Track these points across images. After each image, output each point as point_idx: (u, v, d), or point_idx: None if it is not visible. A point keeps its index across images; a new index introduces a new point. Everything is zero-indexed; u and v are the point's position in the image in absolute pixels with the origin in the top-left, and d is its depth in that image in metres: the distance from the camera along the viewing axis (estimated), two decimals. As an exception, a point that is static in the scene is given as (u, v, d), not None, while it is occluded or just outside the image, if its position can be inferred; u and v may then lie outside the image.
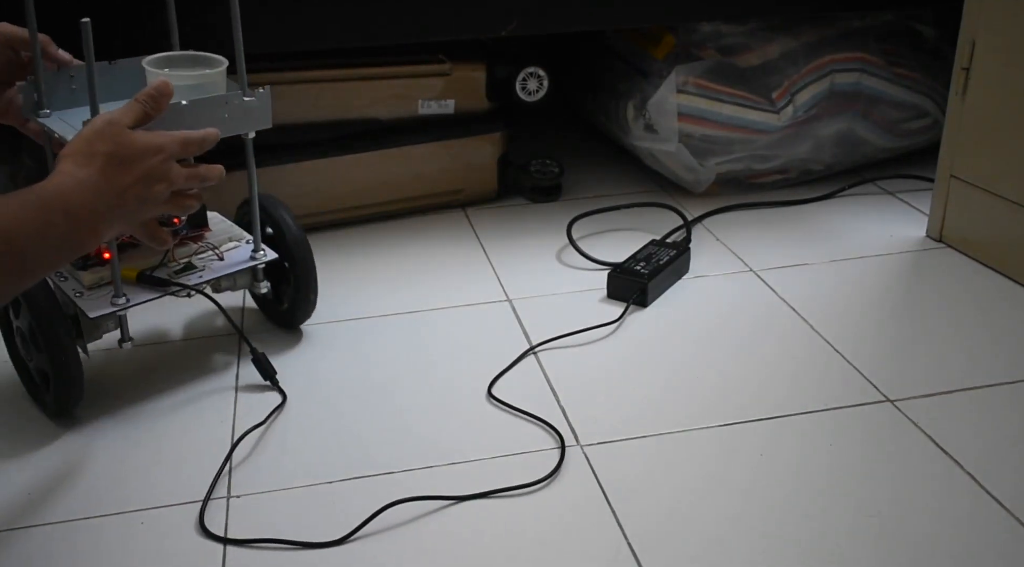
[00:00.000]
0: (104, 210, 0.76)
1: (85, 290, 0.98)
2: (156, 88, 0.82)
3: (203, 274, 1.02)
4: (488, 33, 1.37)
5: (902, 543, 0.80)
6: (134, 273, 0.99)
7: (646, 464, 0.91)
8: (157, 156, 0.79)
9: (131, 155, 0.78)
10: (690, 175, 1.53)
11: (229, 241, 1.07)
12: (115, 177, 0.76)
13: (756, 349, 1.11)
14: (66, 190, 0.73)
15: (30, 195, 0.71)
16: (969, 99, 1.30)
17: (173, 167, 0.82)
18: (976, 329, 1.14)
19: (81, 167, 0.75)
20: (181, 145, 0.83)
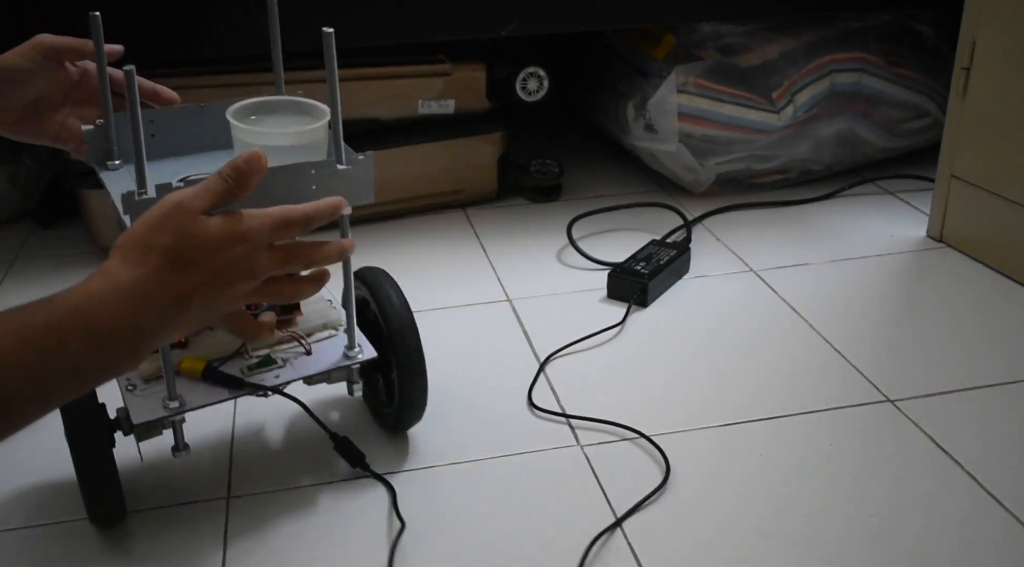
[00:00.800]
0: (151, 322, 0.59)
1: (140, 381, 0.81)
2: (246, 161, 0.63)
3: (282, 372, 0.83)
4: (488, 33, 1.37)
5: (902, 543, 0.80)
6: (200, 366, 0.81)
7: (646, 464, 0.91)
8: (237, 247, 0.62)
9: (200, 249, 0.61)
10: (690, 175, 1.53)
11: (323, 329, 0.87)
12: (173, 280, 0.60)
13: (756, 349, 1.11)
14: (91, 304, 0.57)
15: (37, 313, 0.56)
16: (969, 99, 1.30)
17: (260, 256, 0.64)
18: (976, 329, 1.14)
19: (131, 266, 0.59)
20: (274, 229, 0.64)
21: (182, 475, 0.91)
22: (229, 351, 0.83)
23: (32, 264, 1.38)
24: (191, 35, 1.29)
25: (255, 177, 0.64)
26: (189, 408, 0.79)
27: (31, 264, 1.38)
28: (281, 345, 0.85)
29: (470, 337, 1.15)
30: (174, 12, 1.26)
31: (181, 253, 0.60)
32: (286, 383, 0.82)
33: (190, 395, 0.79)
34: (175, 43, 1.29)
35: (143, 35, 1.27)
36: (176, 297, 0.60)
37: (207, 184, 0.63)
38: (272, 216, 0.64)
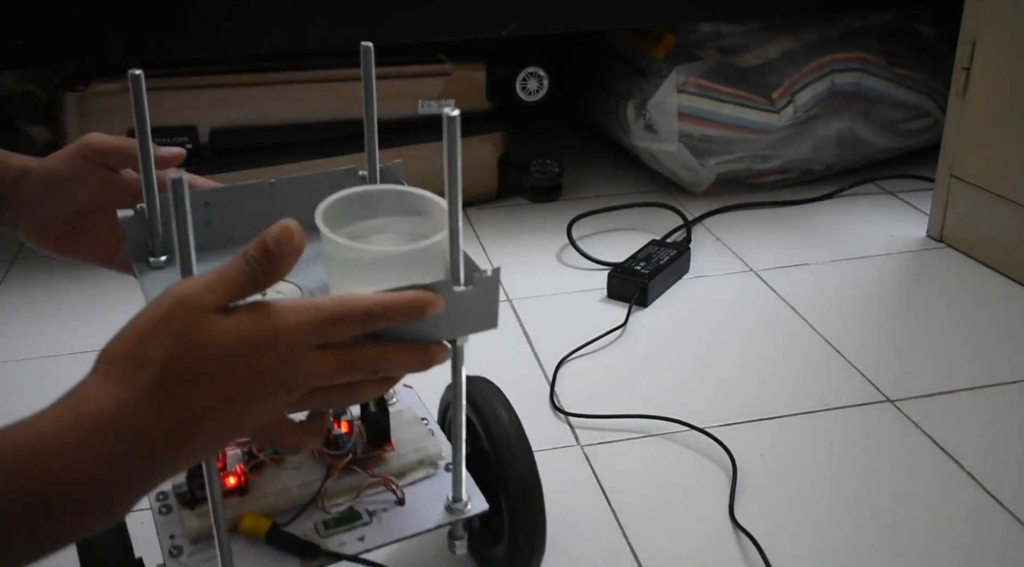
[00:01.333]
0: (131, 466, 0.44)
1: (187, 542, 0.62)
2: (275, 239, 0.46)
3: (368, 533, 0.64)
4: (488, 33, 1.37)
5: (902, 543, 0.80)
6: (265, 525, 0.63)
7: (646, 464, 0.91)
8: (268, 354, 0.45)
9: (209, 359, 0.44)
10: (690, 175, 1.53)
11: (418, 466, 0.69)
12: (171, 404, 0.44)
13: (756, 349, 1.11)
14: (38, 451, 0.42)
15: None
16: (969, 99, 1.30)
17: (301, 363, 0.47)
18: (976, 329, 1.14)
19: (112, 386, 0.44)
20: (318, 329, 0.47)
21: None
22: (303, 500, 0.65)
23: (32, 264, 1.38)
24: (190, 35, 1.29)
25: (288, 260, 0.46)
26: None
27: (31, 264, 1.38)
28: (366, 491, 0.66)
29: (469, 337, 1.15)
30: (174, 11, 1.26)
31: (182, 367, 0.44)
32: (373, 549, 0.63)
33: (250, 565, 0.61)
34: (175, 43, 1.29)
35: (143, 35, 1.27)
36: (175, 427, 0.44)
37: (223, 271, 0.46)
38: (321, 310, 0.46)
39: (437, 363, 0.52)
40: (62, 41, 1.25)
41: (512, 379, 1.05)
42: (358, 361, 0.48)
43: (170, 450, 0.44)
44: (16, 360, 1.12)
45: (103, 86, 1.32)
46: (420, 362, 0.51)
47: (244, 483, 0.65)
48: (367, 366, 0.49)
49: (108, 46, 1.27)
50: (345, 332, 0.47)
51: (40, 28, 1.23)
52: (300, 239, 0.47)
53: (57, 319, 1.21)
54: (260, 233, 0.47)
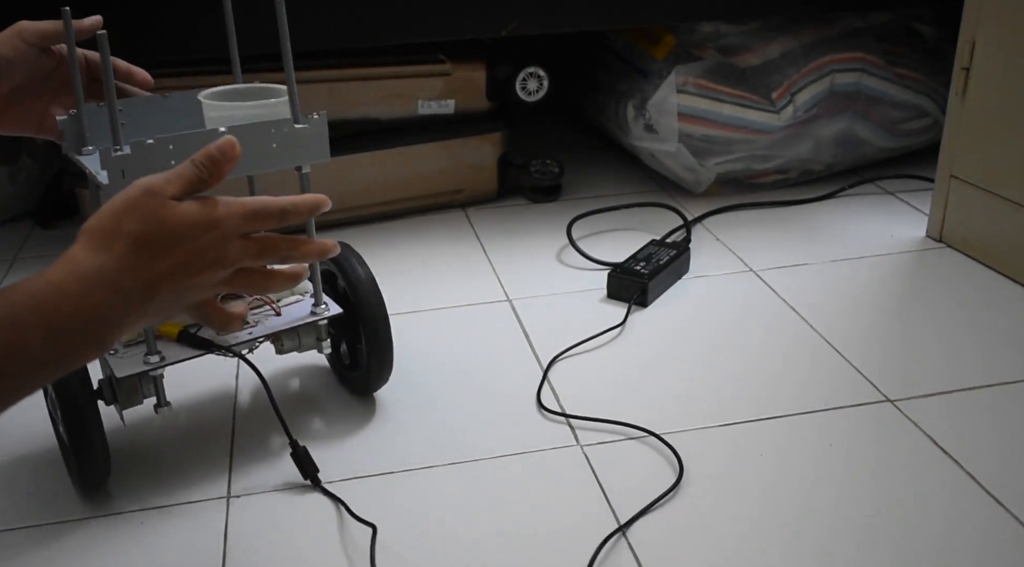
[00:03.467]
0: (117, 310, 0.57)
1: (120, 346, 0.85)
2: (219, 149, 0.62)
3: (254, 331, 0.88)
4: (488, 33, 1.37)
5: (902, 543, 0.80)
6: (176, 330, 0.86)
7: (646, 464, 0.91)
8: (208, 234, 0.60)
9: (169, 235, 0.58)
10: (690, 175, 1.53)
11: (291, 295, 0.94)
12: (141, 266, 0.58)
13: (756, 349, 1.11)
14: (54, 293, 0.55)
15: (4, 300, 0.55)
16: (969, 99, 1.30)
17: (232, 245, 0.61)
18: (976, 329, 1.14)
19: (96, 251, 0.57)
20: (247, 218, 0.62)
21: (178, 471, 0.91)
22: None
23: (32, 264, 1.38)
24: (190, 35, 1.29)
25: (229, 165, 0.62)
26: (169, 362, 0.83)
27: (31, 264, 1.38)
28: (252, 308, 0.91)
29: (470, 337, 1.15)
30: (171, 11, 1.26)
31: (149, 239, 0.58)
32: (254, 340, 0.87)
33: (168, 353, 0.84)
34: (173, 43, 1.29)
35: (142, 35, 1.27)
36: (143, 284, 0.58)
37: (179, 170, 0.61)
38: (246, 205, 0.62)
39: (332, 254, 0.69)
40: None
41: (512, 379, 1.05)
42: (274, 246, 0.64)
43: (138, 304, 0.58)
44: (16, 360, 1.12)
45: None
46: (317, 251, 0.67)
47: None
48: (279, 251, 0.64)
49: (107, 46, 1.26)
50: (265, 224, 0.63)
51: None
52: (238, 151, 0.62)
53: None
54: (160, 132, 0.70)
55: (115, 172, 0.69)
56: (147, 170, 0.65)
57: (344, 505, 0.84)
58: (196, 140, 0.70)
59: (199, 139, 0.70)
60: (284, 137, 0.76)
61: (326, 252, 0.68)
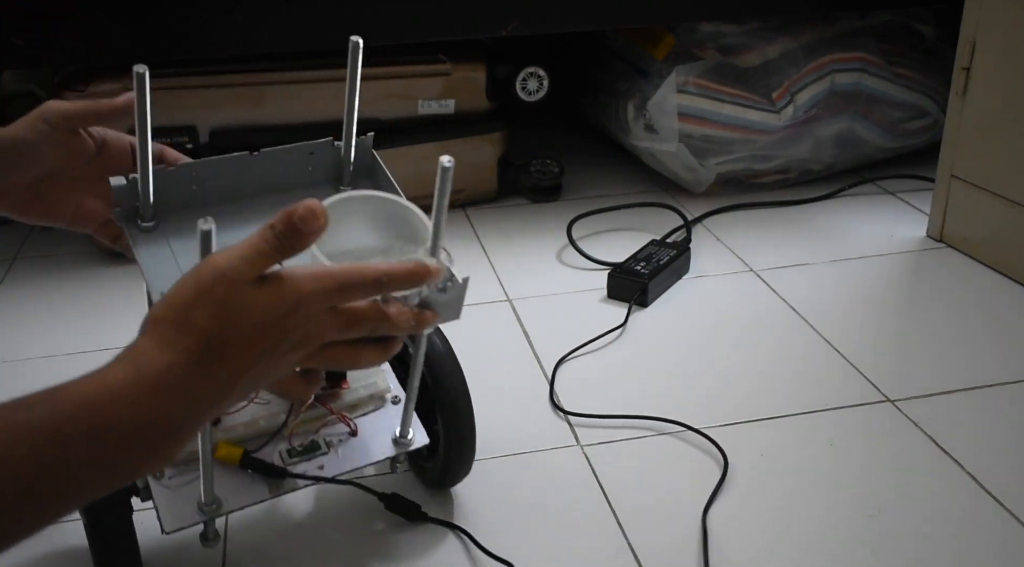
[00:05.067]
0: (184, 418, 0.50)
1: (168, 467, 0.71)
2: (301, 218, 0.51)
3: (327, 462, 0.74)
4: (488, 33, 1.37)
5: (901, 543, 0.80)
6: (237, 453, 0.71)
7: (646, 464, 0.91)
8: (292, 316, 0.52)
9: (249, 327, 0.50)
10: (690, 175, 1.53)
11: (369, 401, 0.78)
12: (217, 367, 0.50)
13: (756, 349, 1.11)
14: (109, 397, 0.47)
15: (37, 406, 0.47)
16: (969, 99, 1.30)
17: (318, 322, 0.53)
18: (976, 329, 1.14)
19: (163, 349, 0.49)
20: (334, 294, 0.53)
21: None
22: (268, 430, 0.73)
23: (32, 264, 1.38)
24: (190, 35, 1.29)
25: (312, 237, 0.52)
26: (227, 510, 0.69)
27: (31, 264, 1.38)
28: (325, 426, 0.76)
29: (470, 337, 1.15)
30: (174, 11, 1.26)
31: (226, 335, 0.50)
32: (328, 479, 0.73)
33: (227, 490, 0.70)
34: (175, 43, 1.29)
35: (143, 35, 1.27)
36: (219, 384, 0.50)
37: (255, 245, 0.51)
38: (335, 278, 0.52)
39: (427, 328, 0.59)
40: (62, 41, 1.25)
41: (512, 378, 1.05)
42: (362, 319, 0.55)
43: (213, 403, 0.51)
44: (16, 360, 1.12)
45: (103, 86, 1.32)
46: (415, 322, 0.57)
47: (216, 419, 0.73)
48: (369, 324, 0.55)
49: (108, 46, 1.27)
50: (356, 297, 0.54)
51: (40, 28, 1.23)
52: (324, 220, 0.52)
53: (57, 319, 1.21)
54: (241, 197, 0.64)
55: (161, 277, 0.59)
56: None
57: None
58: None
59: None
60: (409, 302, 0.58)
61: (424, 324, 0.58)
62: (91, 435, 0.46)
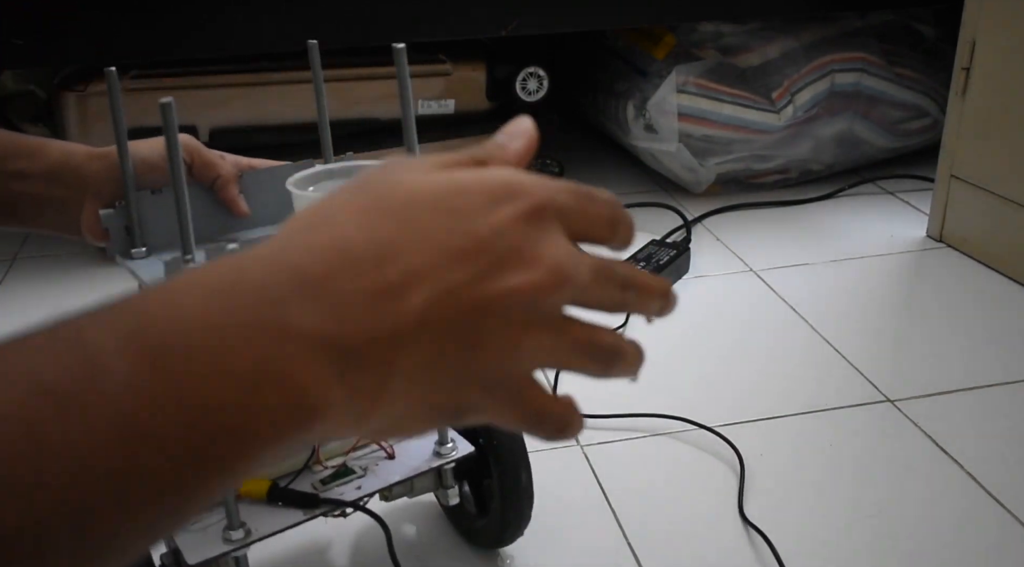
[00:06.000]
0: (360, 337, 0.29)
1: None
2: (509, 133, 0.37)
3: (364, 483, 0.67)
4: (488, 33, 1.37)
5: (901, 543, 0.80)
6: (264, 486, 0.65)
7: (646, 464, 0.91)
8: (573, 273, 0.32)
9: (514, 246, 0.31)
10: (690, 175, 1.53)
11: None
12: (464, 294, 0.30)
13: (756, 349, 1.10)
14: (220, 295, 0.29)
15: (94, 327, 0.29)
16: (969, 99, 1.30)
17: (583, 266, 0.32)
18: (976, 329, 1.14)
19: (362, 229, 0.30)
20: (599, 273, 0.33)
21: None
22: (296, 466, 0.67)
23: (32, 264, 1.38)
24: (190, 35, 1.29)
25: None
26: (256, 538, 0.62)
27: (31, 264, 1.38)
28: (356, 451, 0.69)
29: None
30: (174, 12, 1.26)
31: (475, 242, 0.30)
32: (369, 495, 0.66)
33: (255, 521, 0.62)
34: (175, 43, 1.29)
35: (143, 35, 1.27)
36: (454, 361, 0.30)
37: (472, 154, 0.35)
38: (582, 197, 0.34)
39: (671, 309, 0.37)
40: (62, 41, 1.25)
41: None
42: (614, 271, 0.34)
43: (410, 341, 0.29)
44: (16, 360, 1.12)
45: (103, 86, 1.32)
46: (663, 291, 0.36)
47: None
48: (619, 281, 0.34)
49: (108, 46, 1.27)
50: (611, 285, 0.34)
51: (40, 28, 1.23)
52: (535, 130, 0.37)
53: (57, 319, 1.21)
54: (231, 223, 0.58)
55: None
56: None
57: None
58: None
59: None
60: None
61: (670, 297, 0.36)
62: (203, 367, 0.27)
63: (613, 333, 0.34)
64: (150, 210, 0.65)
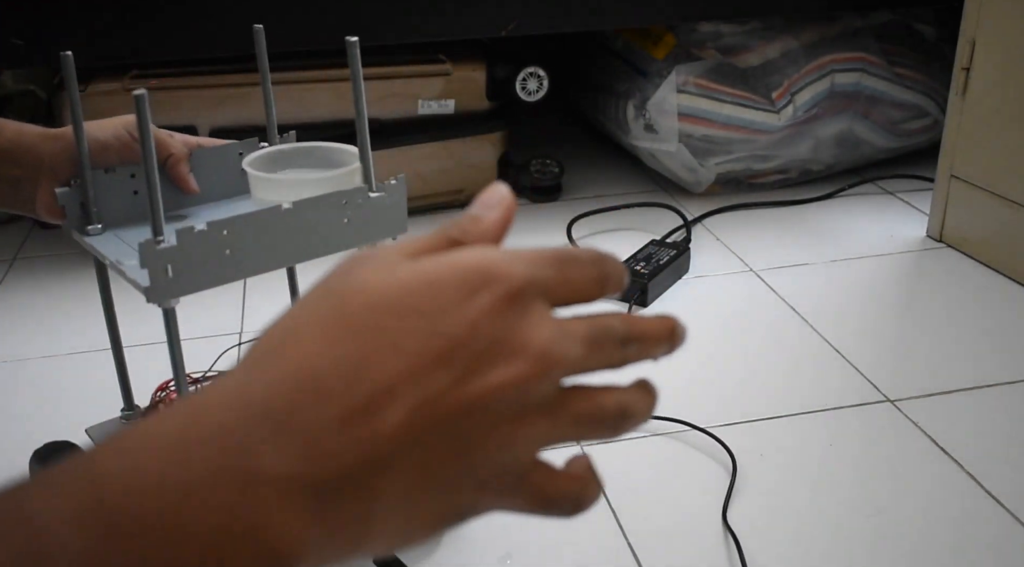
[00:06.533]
0: (324, 473, 0.27)
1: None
2: (485, 204, 0.34)
3: None
4: (488, 33, 1.37)
5: (901, 543, 0.80)
6: None
7: (646, 464, 0.91)
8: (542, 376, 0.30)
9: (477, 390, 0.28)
10: (690, 175, 1.53)
11: None
12: (431, 463, 0.28)
13: (756, 349, 1.10)
14: (175, 448, 0.27)
15: (73, 480, 0.26)
16: (969, 99, 1.30)
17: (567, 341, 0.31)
18: (976, 329, 1.14)
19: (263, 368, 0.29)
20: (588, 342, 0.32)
21: None
22: None
23: (32, 264, 1.38)
24: (190, 35, 1.29)
25: (503, 223, 0.35)
26: None
27: (31, 264, 1.38)
28: None
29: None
30: (174, 11, 1.26)
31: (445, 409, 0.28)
32: None
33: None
34: (175, 43, 1.29)
35: (143, 35, 1.27)
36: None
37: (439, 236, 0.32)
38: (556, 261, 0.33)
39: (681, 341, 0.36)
40: (62, 41, 1.25)
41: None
42: (608, 326, 0.33)
43: (371, 458, 0.28)
44: (16, 360, 1.12)
45: (103, 86, 1.32)
46: (667, 332, 0.36)
47: None
48: (615, 336, 0.33)
49: (108, 46, 1.27)
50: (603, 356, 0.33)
51: (40, 28, 1.23)
52: (512, 199, 0.34)
53: (57, 319, 1.21)
54: (181, 199, 0.65)
55: (159, 269, 0.57)
56: (197, 264, 0.55)
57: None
58: (258, 223, 0.59)
59: (261, 222, 0.59)
60: (357, 210, 0.63)
61: (677, 332, 0.36)
62: (151, 520, 0.25)
63: (617, 393, 0.33)
64: (104, 189, 0.69)
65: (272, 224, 0.60)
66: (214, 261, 0.58)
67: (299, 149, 0.71)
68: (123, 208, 0.69)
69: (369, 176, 0.66)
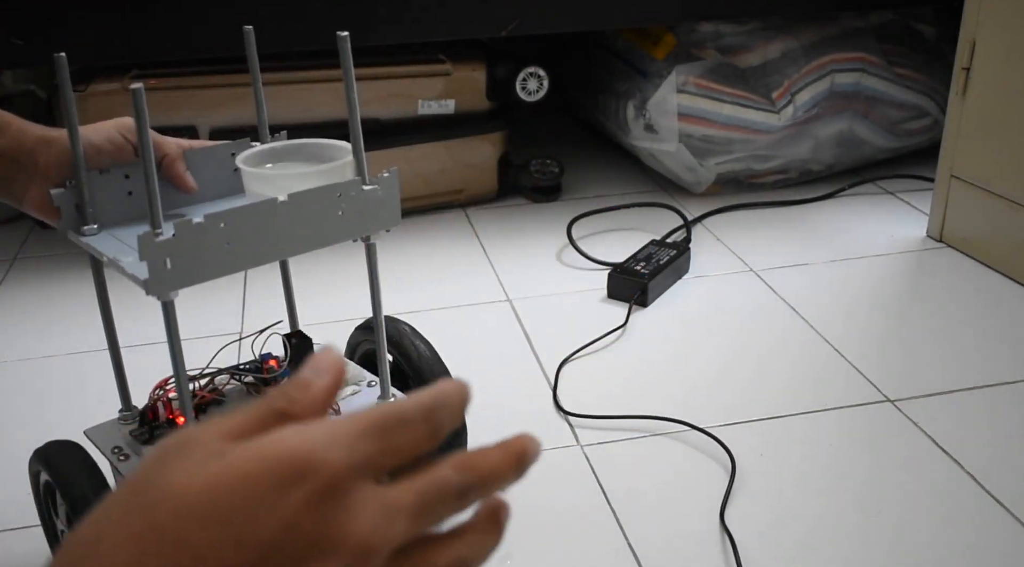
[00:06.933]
0: None
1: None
2: (315, 368, 0.33)
3: None
4: (488, 33, 1.37)
5: (902, 543, 0.80)
6: None
7: (646, 464, 0.91)
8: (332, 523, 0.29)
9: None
10: (690, 175, 1.53)
11: (345, 385, 0.78)
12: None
13: (756, 349, 1.11)
14: None
15: None
16: (969, 99, 1.30)
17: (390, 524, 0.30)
18: (976, 329, 1.14)
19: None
20: (414, 516, 0.31)
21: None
22: None
23: (32, 264, 1.38)
24: (190, 35, 1.29)
25: (329, 393, 0.33)
26: None
27: (31, 264, 1.38)
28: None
29: (470, 337, 1.15)
30: (174, 12, 1.26)
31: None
32: None
33: None
34: (175, 43, 1.29)
35: (143, 35, 1.27)
36: None
37: (259, 413, 0.32)
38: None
39: (531, 462, 0.35)
40: (62, 41, 1.25)
41: (512, 379, 1.05)
42: (443, 487, 0.32)
43: None
44: (16, 360, 1.12)
45: (103, 86, 1.32)
46: (514, 461, 0.34)
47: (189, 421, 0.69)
48: (452, 490, 0.32)
49: (108, 46, 1.27)
50: (438, 515, 0.32)
51: (40, 28, 1.23)
52: (343, 366, 0.34)
53: (57, 319, 1.21)
54: (176, 198, 0.66)
55: (157, 262, 0.57)
56: (195, 257, 0.56)
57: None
58: (255, 216, 0.60)
59: (258, 215, 0.60)
60: (351, 202, 0.64)
61: (525, 459, 0.34)
62: None
63: (453, 545, 0.32)
64: (99, 189, 0.69)
65: (269, 216, 0.61)
66: (212, 253, 0.58)
67: (291, 146, 0.72)
68: (118, 209, 0.70)
69: (363, 169, 0.67)
